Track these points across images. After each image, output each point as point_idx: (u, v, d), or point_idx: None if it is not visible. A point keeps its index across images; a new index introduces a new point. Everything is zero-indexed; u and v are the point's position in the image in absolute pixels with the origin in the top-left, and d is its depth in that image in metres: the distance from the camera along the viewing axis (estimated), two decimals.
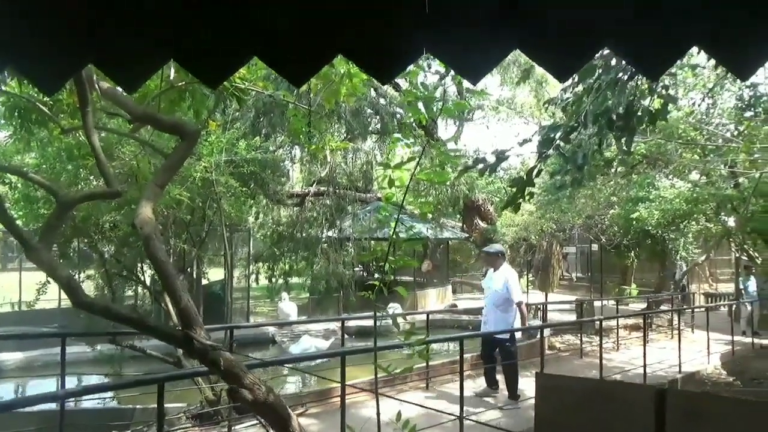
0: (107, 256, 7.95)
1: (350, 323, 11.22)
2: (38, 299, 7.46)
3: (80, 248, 8.77)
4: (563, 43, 1.23)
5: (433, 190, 15.14)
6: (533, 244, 17.03)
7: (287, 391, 7.56)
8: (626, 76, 3.04)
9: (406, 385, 7.31)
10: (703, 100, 8.31)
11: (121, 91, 2.82)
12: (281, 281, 15.31)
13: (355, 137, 14.63)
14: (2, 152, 8.01)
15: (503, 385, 6.95)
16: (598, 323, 9.22)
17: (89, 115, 2.48)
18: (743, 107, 7.64)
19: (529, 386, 6.70)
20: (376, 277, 2.70)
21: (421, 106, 2.81)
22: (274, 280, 15.52)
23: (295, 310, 13.77)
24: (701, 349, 9.98)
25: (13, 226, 2.44)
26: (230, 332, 6.18)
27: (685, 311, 13.55)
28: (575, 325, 11.14)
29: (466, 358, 7.82)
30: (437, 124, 17.30)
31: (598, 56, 3.14)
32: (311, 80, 3.41)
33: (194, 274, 11.25)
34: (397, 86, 14.12)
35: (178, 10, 1.09)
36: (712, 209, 11.94)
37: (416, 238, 13.51)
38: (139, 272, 8.16)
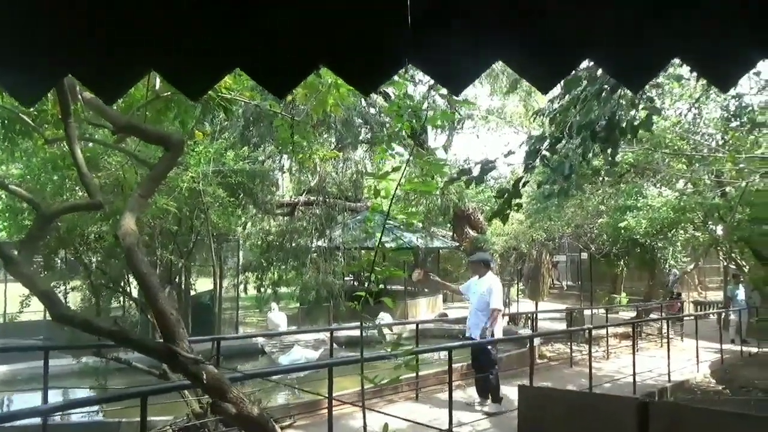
0: (93, 267, 7.85)
1: (340, 333, 11.16)
2: (22, 311, 7.35)
3: (67, 259, 8.67)
4: (545, 55, 1.23)
5: (423, 199, 15.16)
6: (523, 253, 17.05)
7: (276, 402, 7.48)
8: (610, 86, 3.06)
9: (395, 395, 7.26)
10: (689, 110, 8.39)
11: None
12: (270, 291, 15.22)
13: (345, 147, 14.64)
14: None
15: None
16: (587, 332, 9.23)
17: (72, 125, 2.45)
18: (729, 117, 7.72)
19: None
20: (366, 286, 2.68)
21: (408, 116, 2.81)
22: (263, 290, 15.43)
23: (284, 320, 13.68)
24: (690, 357, 10.02)
25: None
26: (217, 344, 6.12)
27: (674, 320, 13.63)
28: (565, 334, 11.15)
29: (456, 367, 7.81)
30: (427, 133, 17.36)
31: (583, 67, 3.16)
32: (296, 90, 3.41)
33: (182, 284, 11.16)
34: (387, 96, 14.15)
35: (159, 21, 1.07)
36: (699, 218, 12.03)
37: (404, 247, 13.49)
38: (125, 283, 8.07)
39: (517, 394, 2.64)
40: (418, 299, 18.29)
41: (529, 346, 7.31)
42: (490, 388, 6.95)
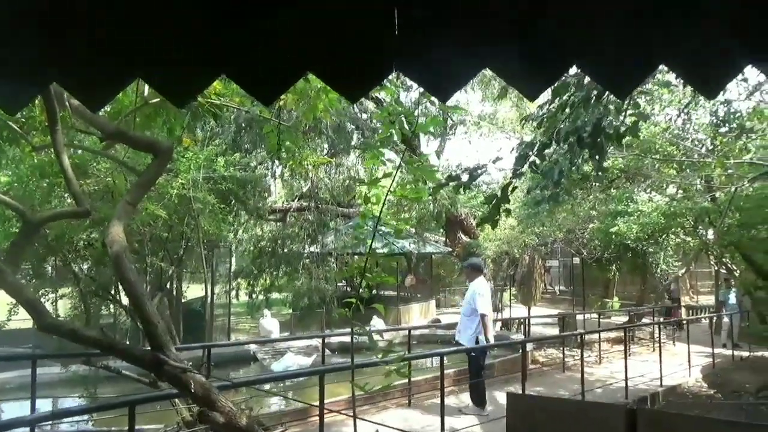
0: (82, 274, 7.78)
1: (332, 339, 11.12)
2: (10, 319, 7.26)
3: (57, 267, 8.58)
4: (533, 62, 1.23)
5: (415, 205, 15.17)
6: (516, 258, 17.08)
7: (269, 409, 7.42)
8: (596, 93, 3.07)
9: (388, 401, 7.23)
10: (678, 115, 8.45)
11: None
12: (262, 297, 15.16)
13: (337, 152, 14.64)
14: None
15: (489, 403, 6.97)
16: (580, 337, 9.24)
17: (58, 132, 2.42)
18: (718, 123, 7.78)
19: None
20: (358, 292, 2.67)
21: (398, 122, 2.80)
22: (255, 296, 15.36)
23: (276, 326, 13.61)
24: (682, 362, 10.04)
25: None
26: (207, 351, 6.07)
27: (672, 324, 13.68)
28: (557, 339, 11.16)
29: (448, 373, 7.81)
30: (419, 139, 17.39)
31: (572, 73, 3.17)
32: (286, 95, 3.40)
33: (174, 291, 11.08)
34: (378, 101, 14.17)
35: (144, 27, 1.06)
36: (690, 223, 12.10)
37: (395, 253, 13.47)
38: (115, 291, 8.00)
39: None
40: (410, 305, 18.28)
41: (521, 351, 7.30)
42: (475, 390, 6.97)
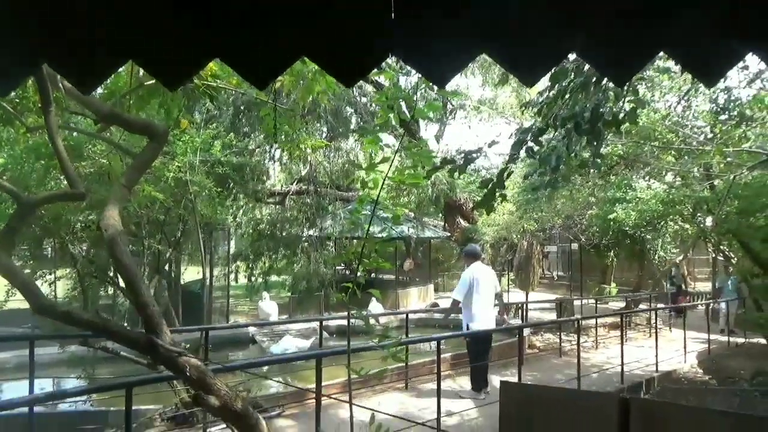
0: (80, 256, 7.78)
1: (330, 322, 11.17)
2: (8, 300, 7.28)
3: (55, 248, 8.58)
4: (529, 48, 1.22)
5: (414, 189, 15.16)
6: (514, 243, 17.11)
7: (267, 391, 7.47)
8: (596, 79, 3.04)
9: (385, 385, 7.28)
10: (678, 102, 8.40)
11: None
12: (261, 280, 15.20)
13: (336, 136, 14.57)
14: None
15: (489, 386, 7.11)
16: (576, 322, 9.29)
17: (51, 114, 2.40)
18: (718, 111, 7.73)
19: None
20: (355, 277, 2.67)
21: (396, 107, 2.77)
22: (254, 278, 15.40)
23: (275, 309, 13.66)
24: (678, 347, 10.11)
25: None
26: (205, 334, 6.09)
27: (664, 310, 13.74)
28: (554, 324, 11.22)
29: (446, 357, 7.86)
30: (419, 123, 17.31)
31: (572, 59, 3.14)
32: (283, 77, 3.36)
33: (172, 273, 11.11)
34: (378, 85, 14.08)
35: (137, 10, 1.04)
36: (688, 210, 12.10)
37: (393, 237, 13.48)
38: (114, 273, 8.00)
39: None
40: (409, 289, 18.34)
41: (518, 336, 7.34)
42: (473, 376, 7.13)
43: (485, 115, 22.05)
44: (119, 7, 1.03)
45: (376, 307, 12.48)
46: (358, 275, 2.76)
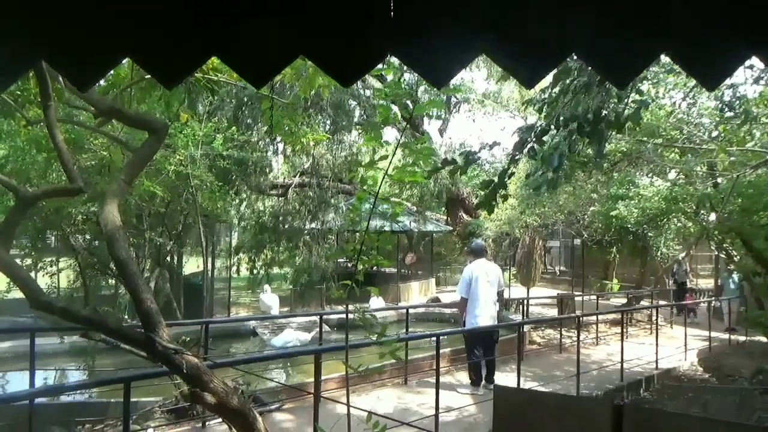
0: (82, 248, 7.78)
1: (331, 316, 11.20)
2: (10, 290, 7.29)
3: (56, 240, 8.60)
4: (529, 50, 1.21)
5: (416, 183, 15.12)
6: (516, 238, 17.08)
7: (267, 385, 7.49)
8: (599, 79, 3.02)
9: (383, 380, 7.29)
10: (683, 99, 8.35)
11: None
12: (263, 272, 15.23)
13: (339, 129, 14.53)
14: None
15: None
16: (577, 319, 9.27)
17: (51, 108, 2.39)
18: (723, 108, 7.68)
19: (507, 381, 6.75)
20: (354, 272, 2.67)
21: (398, 103, 2.76)
22: (255, 271, 15.42)
23: (276, 302, 13.68)
24: (679, 345, 10.09)
25: None
26: (206, 327, 6.09)
27: (666, 307, 13.72)
28: (555, 321, 11.22)
29: (446, 353, 7.87)
30: (422, 117, 17.25)
31: (574, 59, 3.11)
32: (285, 71, 3.35)
33: (174, 265, 11.13)
34: (382, 78, 14.01)
35: (135, 7, 1.04)
36: (691, 208, 12.05)
37: (394, 231, 13.47)
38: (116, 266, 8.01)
39: (504, 384, 2.65)
40: (410, 282, 18.36)
41: (518, 332, 7.33)
42: (471, 372, 7.20)
43: (489, 108, 21.96)
44: (117, 5, 1.03)
45: (377, 302, 12.49)
46: (357, 273, 2.75)
